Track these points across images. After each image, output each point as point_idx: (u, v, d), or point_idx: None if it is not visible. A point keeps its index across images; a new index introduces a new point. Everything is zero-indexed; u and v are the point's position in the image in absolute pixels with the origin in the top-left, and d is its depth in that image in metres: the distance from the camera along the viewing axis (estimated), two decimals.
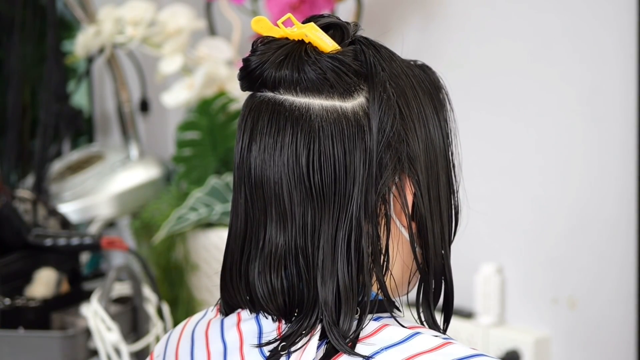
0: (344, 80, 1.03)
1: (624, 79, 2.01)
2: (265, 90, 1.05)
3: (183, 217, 2.24)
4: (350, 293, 1.02)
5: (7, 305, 1.94)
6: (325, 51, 1.04)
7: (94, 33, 2.42)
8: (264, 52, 1.05)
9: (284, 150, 1.03)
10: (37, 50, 2.62)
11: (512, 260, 2.20)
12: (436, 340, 1.03)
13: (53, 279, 2.01)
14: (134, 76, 2.67)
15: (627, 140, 2.02)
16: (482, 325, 2.21)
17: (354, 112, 1.04)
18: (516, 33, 2.15)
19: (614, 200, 2.05)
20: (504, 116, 2.19)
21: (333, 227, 1.03)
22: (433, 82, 1.10)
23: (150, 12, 2.42)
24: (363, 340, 1.03)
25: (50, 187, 2.51)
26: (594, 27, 2.05)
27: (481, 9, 2.20)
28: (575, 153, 2.10)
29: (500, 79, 2.18)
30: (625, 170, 2.03)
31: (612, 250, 2.06)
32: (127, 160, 2.57)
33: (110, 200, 2.49)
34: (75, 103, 2.73)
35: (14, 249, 2.04)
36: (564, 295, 2.13)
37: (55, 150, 2.59)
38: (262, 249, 1.05)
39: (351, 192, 1.03)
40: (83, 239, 2.05)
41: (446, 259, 1.10)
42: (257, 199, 1.05)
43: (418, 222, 1.07)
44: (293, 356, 1.04)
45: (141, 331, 2.03)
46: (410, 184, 1.06)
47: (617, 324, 2.07)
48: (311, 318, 1.03)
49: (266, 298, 1.05)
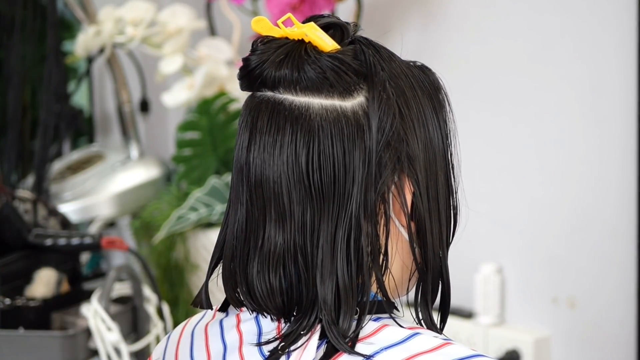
0: (343, 80, 1.04)
1: (623, 79, 2.01)
2: (265, 90, 1.05)
3: (183, 217, 2.24)
4: (350, 292, 1.02)
5: (7, 305, 1.95)
6: (325, 50, 1.04)
7: (94, 33, 2.42)
8: (264, 51, 1.05)
9: (283, 149, 1.03)
10: (37, 50, 2.62)
11: (512, 260, 2.20)
12: (436, 341, 1.03)
13: (53, 279, 2.01)
14: (134, 76, 2.67)
15: (627, 140, 2.02)
16: (482, 325, 2.21)
17: (354, 111, 1.04)
18: (516, 33, 2.15)
19: (614, 200, 2.05)
20: (504, 116, 2.19)
21: (332, 226, 1.03)
22: (432, 83, 1.10)
23: (151, 12, 2.42)
24: (363, 340, 1.03)
25: (51, 187, 2.51)
26: (593, 27, 2.05)
27: (481, 9, 2.20)
28: (575, 153, 2.10)
29: (499, 79, 2.18)
30: (625, 170, 2.03)
31: (612, 250, 2.07)
32: (127, 160, 2.57)
33: (110, 200, 2.50)
34: (75, 103, 2.73)
35: (14, 249, 2.04)
36: (564, 295, 2.14)
37: (55, 150, 2.60)
38: (261, 248, 1.05)
39: (350, 191, 1.03)
40: (83, 239, 2.05)
41: (443, 260, 1.10)
42: (256, 198, 1.05)
43: (417, 222, 1.07)
44: (293, 356, 1.04)
45: (141, 331, 2.04)
46: (410, 184, 1.06)
47: (617, 324, 2.07)
48: (310, 317, 1.03)
49: (265, 297, 1.05)
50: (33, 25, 2.56)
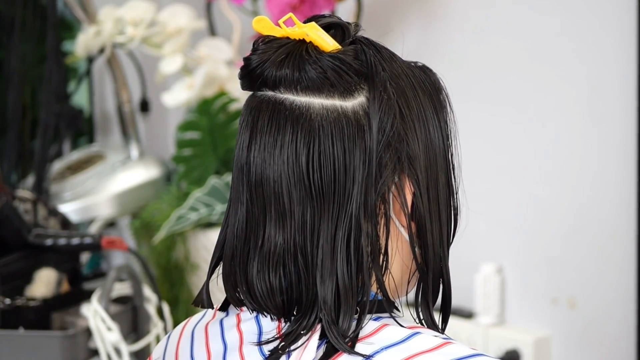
0: (344, 79, 1.04)
1: (623, 80, 2.01)
2: (265, 90, 1.05)
3: (183, 217, 2.24)
4: (350, 292, 1.02)
5: (7, 305, 1.95)
6: (326, 50, 1.04)
7: (94, 33, 2.42)
8: (265, 51, 1.05)
9: (283, 149, 1.03)
10: (37, 50, 2.62)
11: (512, 260, 2.21)
12: (436, 340, 1.03)
13: (53, 279, 2.01)
14: (134, 76, 2.67)
15: (626, 141, 2.02)
16: (482, 325, 2.21)
17: (354, 111, 1.04)
18: (516, 33, 2.15)
19: (614, 200, 2.05)
20: (504, 116, 2.19)
21: (332, 226, 1.03)
22: (433, 84, 1.10)
23: (151, 12, 2.42)
24: (363, 339, 1.03)
25: (51, 187, 2.51)
26: (593, 27, 2.05)
27: (481, 9, 2.20)
28: (575, 153, 2.10)
29: (499, 79, 2.18)
30: (624, 170, 2.03)
31: (611, 250, 2.07)
32: (127, 160, 2.58)
33: (110, 200, 2.50)
34: (75, 103, 2.73)
35: (14, 249, 2.04)
36: (564, 295, 2.14)
37: (55, 150, 2.60)
38: (261, 248, 1.05)
39: (351, 191, 1.03)
40: (83, 239, 2.05)
41: (444, 261, 1.10)
42: (256, 197, 1.05)
43: (417, 222, 1.07)
44: (293, 355, 1.04)
45: (141, 331, 2.03)
46: (410, 184, 1.06)
47: (617, 324, 2.07)
48: (310, 317, 1.03)
49: (265, 297, 1.05)
50: (33, 25, 2.57)
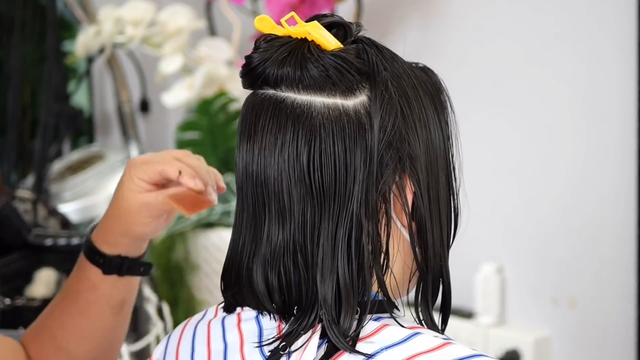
0: (346, 78, 1.04)
1: (623, 80, 2.01)
2: (267, 88, 1.05)
3: (183, 217, 2.24)
4: (351, 291, 1.02)
5: (7, 305, 1.94)
6: (328, 49, 1.04)
7: (94, 33, 2.42)
8: (267, 49, 1.05)
9: (284, 147, 1.03)
10: (37, 50, 2.62)
11: (512, 260, 2.21)
12: (436, 341, 1.03)
13: (53, 279, 2.01)
14: (134, 76, 2.67)
15: (626, 141, 2.02)
16: (482, 325, 2.21)
17: (356, 110, 1.04)
18: (516, 34, 2.15)
19: (614, 201, 2.05)
20: (504, 117, 2.19)
21: (333, 225, 1.03)
22: (434, 84, 1.11)
23: (151, 12, 2.42)
24: (363, 339, 1.03)
25: (51, 187, 2.51)
26: (593, 28, 2.05)
27: (481, 10, 2.20)
28: (575, 153, 2.10)
29: (499, 80, 2.18)
30: (625, 171, 2.03)
31: (612, 250, 2.07)
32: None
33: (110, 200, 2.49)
34: (75, 103, 2.73)
35: (14, 249, 2.03)
36: (564, 295, 2.14)
37: (55, 150, 2.60)
38: (261, 246, 1.05)
39: (352, 190, 1.03)
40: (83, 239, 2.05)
41: (444, 261, 1.10)
42: (258, 196, 1.05)
43: (418, 222, 1.07)
44: (294, 355, 1.04)
45: (141, 331, 2.03)
46: (411, 184, 1.06)
47: (617, 324, 2.07)
48: (310, 316, 1.03)
49: (265, 295, 1.05)
50: (33, 25, 2.56)
